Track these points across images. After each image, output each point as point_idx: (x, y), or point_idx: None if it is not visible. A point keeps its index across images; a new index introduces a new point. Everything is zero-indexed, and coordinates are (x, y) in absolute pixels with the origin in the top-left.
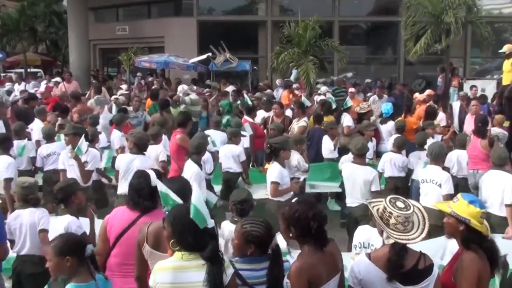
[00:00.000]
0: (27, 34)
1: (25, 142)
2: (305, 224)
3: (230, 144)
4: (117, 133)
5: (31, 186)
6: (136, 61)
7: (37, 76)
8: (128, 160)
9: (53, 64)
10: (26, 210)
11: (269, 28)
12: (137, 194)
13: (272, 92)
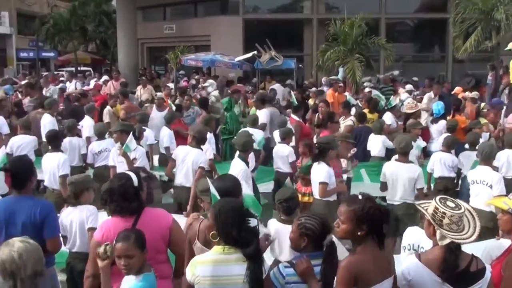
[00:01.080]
0: (78, 33)
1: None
2: (378, 221)
3: (282, 144)
4: (167, 130)
5: (83, 182)
6: (183, 60)
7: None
8: (184, 152)
9: (102, 63)
10: (76, 207)
11: (315, 26)
12: (122, 198)
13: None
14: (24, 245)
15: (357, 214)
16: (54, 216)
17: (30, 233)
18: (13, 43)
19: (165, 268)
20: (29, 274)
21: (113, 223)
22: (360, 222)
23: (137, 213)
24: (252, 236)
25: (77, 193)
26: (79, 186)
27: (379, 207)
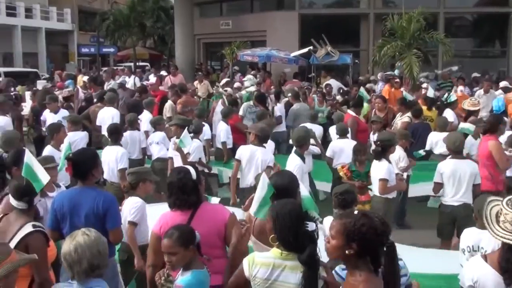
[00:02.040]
0: (137, 29)
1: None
2: (370, 242)
3: (344, 139)
4: (224, 125)
5: (141, 173)
6: (239, 55)
7: (146, 69)
8: (250, 152)
9: (160, 58)
10: (127, 199)
11: (371, 21)
12: (181, 191)
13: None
14: (83, 239)
15: (347, 229)
16: (116, 208)
17: (93, 224)
18: (74, 39)
19: (221, 263)
20: (84, 268)
21: (170, 216)
22: (350, 239)
23: (195, 207)
24: (308, 241)
25: (134, 184)
26: (137, 177)
27: (375, 227)
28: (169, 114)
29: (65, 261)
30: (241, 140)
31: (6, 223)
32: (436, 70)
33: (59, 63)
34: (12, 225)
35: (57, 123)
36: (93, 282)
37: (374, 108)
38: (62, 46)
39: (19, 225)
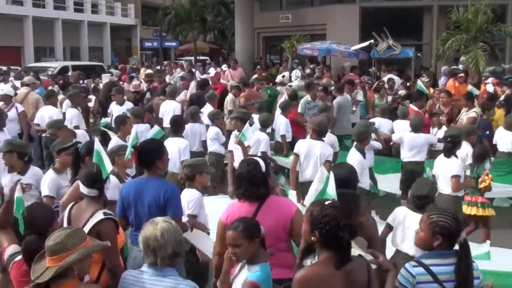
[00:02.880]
0: (198, 23)
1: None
2: (331, 233)
3: (417, 134)
4: (283, 119)
5: (198, 165)
6: (299, 49)
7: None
8: (308, 146)
9: (219, 52)
10: (184, 190)
11: (435, 13)
12: (250, 183)
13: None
14: (166, 225)
15: (312, 217)
16: (177, 198)
17: (155, 213)
18: (137, 34)
19: (285, 257)
20: (169, 254)
21: (237, 207)
22: (313, 226)
23: (262, 199)
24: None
25: (191, 175)
26: (193, 169)
27: (340, 220)
28: (230, 107)
29: (148, 246)
30: (301, 134)
31: (78, 210)
32: (503, 64)
33: (122, 57)
34: (84, 212)
35: (124, 115)
36: (167, 270)
37: (437, 102)
38: (126, 41)
39: (90, 212)
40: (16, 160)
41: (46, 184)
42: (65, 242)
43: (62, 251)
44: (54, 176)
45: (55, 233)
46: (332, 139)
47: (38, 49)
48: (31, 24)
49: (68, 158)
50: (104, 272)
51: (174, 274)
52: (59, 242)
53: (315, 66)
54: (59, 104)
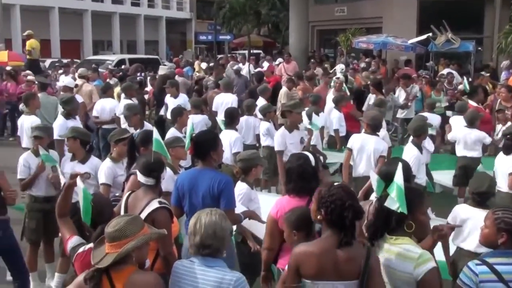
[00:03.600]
0: (252, 17)
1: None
2: (336, 213)
3: (471, 129)
4: (336, 113)
5: (251, 159)
6: (354, 42)
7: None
8: (362, 141)
9: (273, 46)
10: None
11: (498, 6)
12: (300, 178)
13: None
14: (204, 216)
15: (319, 196)
16: (231, 190)
17: (209, 204)
18: (192, 27)
19: None
20: (196, 243)
21: (287, 202)
22: (320, 205)
23: (312, 194)
24: None
25: (245, 169)
26: (249, 163)
27: (345, 201)
28: (283, 100)
29: (190, 235)
30: (355, 128)
31: (135, 199)
32: None
33: (177, 50)
34: (140, 200)
35: (180, 107)
36: (213, 261)
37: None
38: (181, 34)
39: (146, 201)
40: (78, 147)
41: (103, 173)
42: (124, 229)
43: (121, 238)
44: (111, 165)
45: (114, 220)
46: (383, 133)
47: (96, 43)
48: (90, 18)
49: (125, 148)
50: (158, 260)
51: (222, 265)
52: (118, 229)
53: (371, 59)
54: (116, 96)
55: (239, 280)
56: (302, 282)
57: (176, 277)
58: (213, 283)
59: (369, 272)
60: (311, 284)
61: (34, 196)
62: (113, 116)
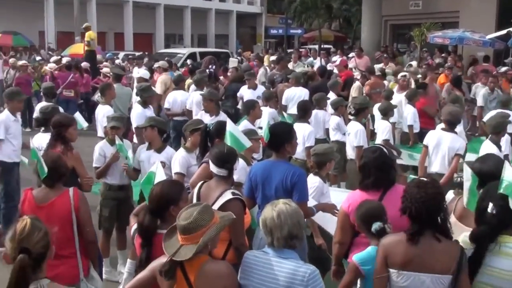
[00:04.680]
0: (323, 11)
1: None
2: (424, 207)
3: None
4: (410, 108)
5: (326, 154)
6: (429, 37)
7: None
8: (438, 137)
9: (344, 41)
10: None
11: None
12: (379, 170)
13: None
14: (284, 207)
15: (405, 190)
16: (304, 183)
17: (282, 195)
18: (262, 21)
19: None
20: (284, 235)
21: (360, 195)
22: (406, 199)
23: (386, 188)
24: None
25: (319, 163)
26: (324, 157)
27: (432, 196)
28: (355, 94)
29: (265, 226)
30: (429, 125)
31: (208, 189)
32: None
33: (247, 44)
34: (213, 191)
35: (253, 100)
36: (287, 252)
37: None
38: (251, 28)
39: (219, 192)
40: (156, 136)
41: (178, 162)
42: (197, 220)
43: (196, 229)
44: (185, 155)
45: (185, 211)
46: (459, 130)
47: (168, 36)
48: (163, 12)
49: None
50: (230, 251)
51: (295, 257)
52: (191, 221)
53: (447, 55)
54: (186, 88)
55: (313, 273)
56: (389, 273)
57: (247, 267)
58: (286, 274)
59: (460, 270)
60: (397, 274)
61: (108, 184)
62: (183, 109)
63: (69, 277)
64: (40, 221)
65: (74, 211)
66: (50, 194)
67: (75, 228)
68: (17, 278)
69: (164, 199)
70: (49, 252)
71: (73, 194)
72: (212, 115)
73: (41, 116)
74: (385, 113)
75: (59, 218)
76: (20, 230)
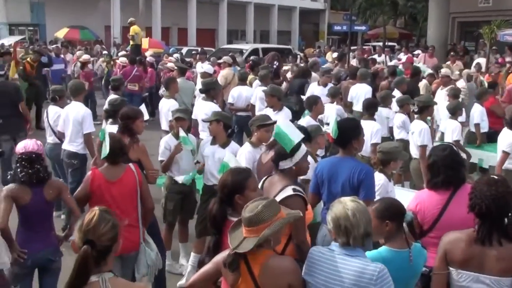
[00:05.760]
0: (388, 7)
1: None
2: (491, 206)
3: None
4: (478, 107)
5: (391, 152)
6: (499, 35)
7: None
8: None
9: (409, 38)
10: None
11: None
12: (449, 168)
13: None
14: (356, 204)
15: (473, 188)
16: (371, 180)
17: (348, 193)
18: (325, 18)
19: None
20: (361, 233)
21: (428, 195)
22: (474, 197)
23: (455, 187)
24: None
25: (384, 161)
26: (390, 156)
27: (485, 191)
28: (422, 92)
29: (339, 226)
30: (497, 125)
31: (270, 183)
32: None
33: (309, 41)
34: (275, 185)
35: (316, 95)
36: (354, 250)
37: None
38: (314, 25)
39: (281, 187)
40: (221, 130)
41: (244, 156)
42: (261, 213)
43: (259, 222)
44: (251, 149)
45: (251, 204)
46: None
47: (230, 32)
48: (226, 8)
49: (266, 135)
50: (289, 246)
51: (363, 255)
52: (256, 213)
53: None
54: (248, 84)
55: (382, 271)
56: (449, 270)
57: (312, 263)
58: (354, 272)
59: None
60: (456, 272)
61: (173, 178)
62: (247, 104)
63: (133, 242)
64: (110, 213)
65: (138, 184)
66: (117, 171)
67: (139, 199)
68: (79, 268)
69: (228, 186)
70: (115, 246)
71: (135, 169)
72: (275, 110)
73: (110, 108)
74: (454, 112)
75: (128, 191)
76: (87, 221)
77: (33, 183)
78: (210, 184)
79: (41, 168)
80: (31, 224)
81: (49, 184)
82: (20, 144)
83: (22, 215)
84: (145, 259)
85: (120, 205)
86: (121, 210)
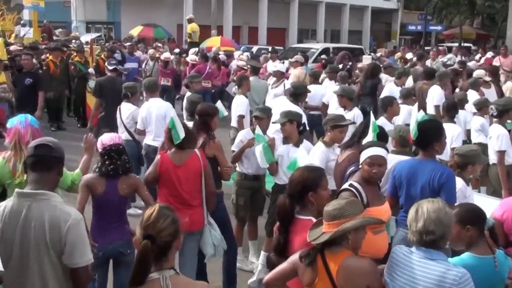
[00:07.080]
0: (465, 7)
1: None
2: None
3: None
4: None
5: (469, 156)
6: None
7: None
8: None
9: (486, 39)
10: None
11: None
12: None
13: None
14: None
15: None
16: (452, 183)
17: (427, 196)
18: (398, 18)
19: None
20: (438, 235)
21: None
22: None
23: None
24: None
25: (461, 164)
26: (466, 159)
27: None
28: (508, 94)
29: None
30: None
31: None
32: None
33: (381, 41)
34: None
35: (391, 96)
36: (435, 253)
37: None
38: (386, 25)
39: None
40: (295, 130)
41: (317, 156)
42: (343, 209)
43: (339, 217)
44: (325, 149)
45: (336, 201)
46: None
47: (301, 31)
48: (297, 7)
49: (339, 135)
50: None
51: (444, 259)
52: (337, 208)
53: None
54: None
55: (464, 277)
56: None
57: (393, 264)
58: (435, 277)
59: None
60: None
61: (244, 173)
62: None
63: (199, 222)
64: (170, 209)
65: (203, 169)
66: (183, 156)
67: (203, 182)
68: (139, 264)
69: (301, 184)
70: (176, 242)
71: (200, 154)
72: (347, 110)
73: (190, 105)
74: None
75: (193, 174)
76: (147, 217)
77: (109, 175)
78: (282, 183)
79: (127, 159)
80: (103, 216)
81: (124, 179)
82: (106, 136)
83: (96, 205)
84: (211, 239)
85: (184, 187)
86: (186, 192)
